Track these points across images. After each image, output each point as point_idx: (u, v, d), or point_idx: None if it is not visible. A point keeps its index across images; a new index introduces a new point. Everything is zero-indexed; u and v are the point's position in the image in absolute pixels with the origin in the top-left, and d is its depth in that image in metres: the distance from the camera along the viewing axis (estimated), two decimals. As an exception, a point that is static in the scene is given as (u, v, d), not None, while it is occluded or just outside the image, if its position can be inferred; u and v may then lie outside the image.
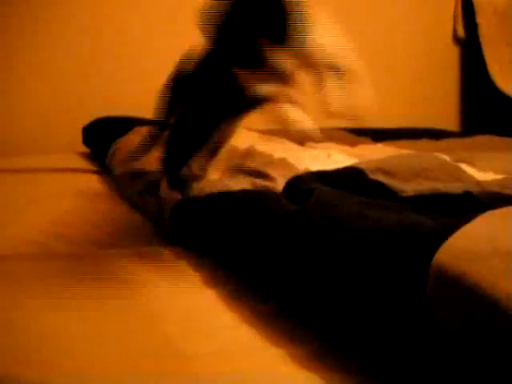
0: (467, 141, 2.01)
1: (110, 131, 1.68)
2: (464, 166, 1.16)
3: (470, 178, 1.09)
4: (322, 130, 1.24)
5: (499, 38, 2.79)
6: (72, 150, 1.91)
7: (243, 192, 1.03)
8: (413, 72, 2.74)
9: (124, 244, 1.08)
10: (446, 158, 1.19)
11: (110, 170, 1.51)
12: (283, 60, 0.91)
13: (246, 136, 1.42)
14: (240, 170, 1.17)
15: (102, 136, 1.72)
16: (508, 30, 2.82)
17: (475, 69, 2.84)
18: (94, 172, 1.63)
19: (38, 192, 1.38)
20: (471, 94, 2.95)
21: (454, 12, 2.87)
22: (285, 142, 1.57)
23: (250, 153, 1.28)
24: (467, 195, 0.90)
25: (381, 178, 1.02)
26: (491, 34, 2.78)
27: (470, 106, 2.97)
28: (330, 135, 1.64)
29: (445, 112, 2.89)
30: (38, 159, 1.74)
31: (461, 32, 2.87)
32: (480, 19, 2.78)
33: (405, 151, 1.50)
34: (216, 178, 1.10)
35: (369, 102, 0.96)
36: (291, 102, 0.92)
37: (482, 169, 1.21)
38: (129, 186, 1.30)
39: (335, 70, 0.96)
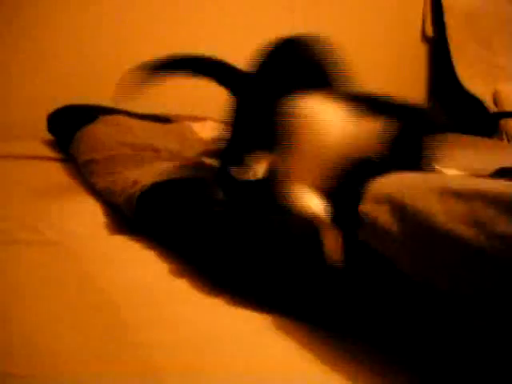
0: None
1: (74, 119, 1.66)
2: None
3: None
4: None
5: (466, 38, 2.83)
6: (36, 138, 1.88)
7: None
8: (381, 69, 2.76)
9: (88, 233, 1.08)
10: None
11: (74, 158, 1.49)
12: None
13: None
14: None
15: (66, 124, 1.69)
16: (475, 30, 2.86)
17: (443, 67, 2.88)
18: (58, 160, 1.60)
19: (1, 179, 1.36)
20: (438, 93, 2.99)
21: (423, 11, 2.90)
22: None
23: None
24: None
25: None
26: (459, 33, 2.82)
27: (437, 104, 3.00)
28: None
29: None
30: (1, 146, 1.71)
31: (429, 31, 2.90)
32: (448, 19, 2.82)
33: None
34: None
35: None
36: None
37: (445, 166, 1.23)
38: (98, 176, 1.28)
39: None
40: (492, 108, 2.75)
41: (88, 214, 1.15)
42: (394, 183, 0.72)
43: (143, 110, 1.82)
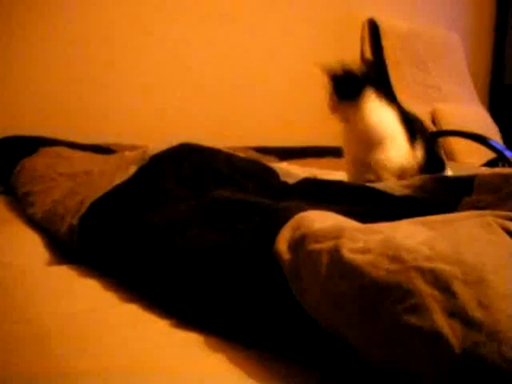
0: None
1: (14, 151, 1.66)
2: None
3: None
4: (235, 148, 1.37)
5: (403, 60, 2.93)
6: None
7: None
8: (321, 92, 2.83)
9: (25, 264, 1.08)
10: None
11: (13, 191, 1.49)
12: None
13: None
14: None
15: (6, 155, 1.69)
16: (411, 52, 2.97)
17: (374, 72, 2.96)
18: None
19: None
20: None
21: (362, 34, 2.99)
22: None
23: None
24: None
25: None
26: (395, 56, 2.92)
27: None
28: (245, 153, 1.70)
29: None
30: None
31: (368, 54, 2.99)
32: (385, 42, 2.92)
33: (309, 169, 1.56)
34: None
35: None
36: None
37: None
38: (38, 206, 1.28)
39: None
40: (430, 127, 2.84)
41: (26, 245, 1.16)
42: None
43: (87, 140, 1.85)
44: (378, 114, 1.31)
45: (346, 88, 1.33)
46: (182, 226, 0.90)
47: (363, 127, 1.31)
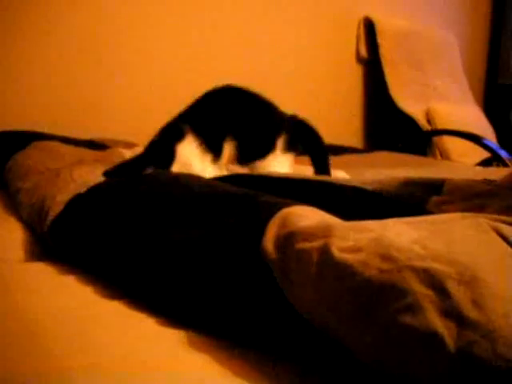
0: (365, 157, 2.09)
1: (8, 145, 1.65)
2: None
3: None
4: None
5: (398, 59, 2.93)
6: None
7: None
8: (318, 89, 2.83)
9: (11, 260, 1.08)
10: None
11: (5, 185, 1.48)
12: None
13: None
14: None
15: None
16: (406, 51, 2.97)
17: (377, 87, 2.97)
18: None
19: None
20: (373, 112, 3.08)
21: (357, 33, 2.99)
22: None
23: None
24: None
25: None
26: (391, 54, 2.92)
27: (372, 122, 3.09)
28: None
29: (349, 129, 3.00)
30: None
31: (363, 52, 2.99)
32: (381, 40, 2.92)
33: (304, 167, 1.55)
34: None
35: None
36: None
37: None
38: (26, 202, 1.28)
39: None
40: (425, 126, 2.84)
41: (11, 241, 1.15)
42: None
43: (82, 135, 1.84)
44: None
45: None
46: (165, 223, 0.89)
47: None
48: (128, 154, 1.44)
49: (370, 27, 2.96)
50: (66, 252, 1.06)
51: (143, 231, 0.91)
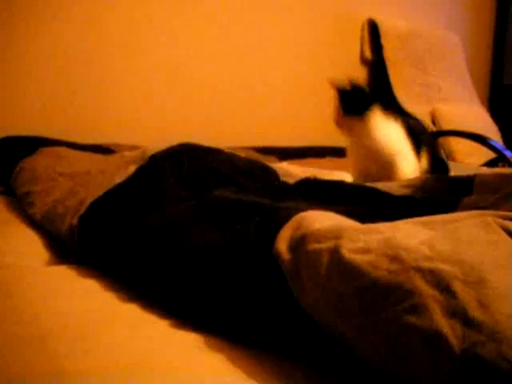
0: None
1: (14, 151, 1.66)
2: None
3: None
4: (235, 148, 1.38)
5: (402, 60, 2.93)
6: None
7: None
8: (323, 92, 2.83)
9: (25, 265, 1.08)
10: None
11: (12, 191, 1.49)
12: None
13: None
14: None
15: (6, 155, 1.69)
16: (410, 52, 2.97)
17: (382, 88, 2.96)
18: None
19: None
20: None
21: (361, 34, 2.99)
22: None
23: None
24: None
25: None
26: (395, 55, 2.92)
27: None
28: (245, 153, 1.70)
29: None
30: None
31: (368, 54, 2.99)
32: (384, 42, 2.92)
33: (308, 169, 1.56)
34: None
35: None
36: None
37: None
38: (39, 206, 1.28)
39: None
40: (430, 127, 2.84)
41: (25, 246, 1.16)
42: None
43: (87, 140, 1.85)
44: (386, 130, 1.32)
45: (354, 103, 1.33)
46: (182, 226, 0.91)
47: (371, 143, 1.32)
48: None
49: (373, 29, 2.96)
50: (90, 254, 1.06)
51: (161, 232, 0.92)
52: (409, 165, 1.32)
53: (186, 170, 1.14)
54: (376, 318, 0.57)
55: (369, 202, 0.99)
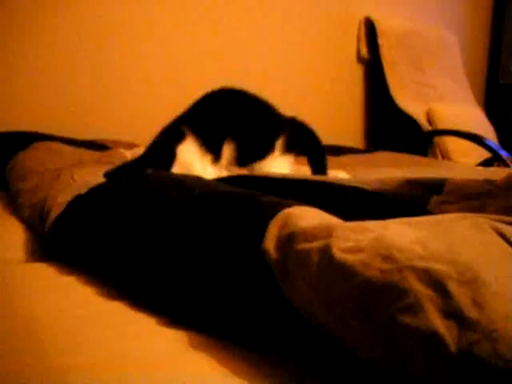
0: (366, 157, 2.10)
1: (9, 146, 1.65)
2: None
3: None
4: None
5: (399, 59, 2.93)
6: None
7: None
8: (319, 90, 2.83)
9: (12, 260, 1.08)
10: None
11: (6, 185, 1.48)
12: None
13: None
14: None
15: (0, 151, 1.68)
16: (406, 51, 2.97)
17: (377, 87, 2.97)
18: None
19: None
20: (374, 112, 3.08)
21: (358, 33, 2.99)
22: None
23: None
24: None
25: None
26: (391, 54, 2.92)
27: (373, 123, 3.09)
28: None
29: (349, 129, 3.00)
30: None
31: (364, 52, 2.99)
32: (381, 40, 2.92)
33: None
34: None
35: None
36: None
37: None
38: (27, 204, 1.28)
39: None
40: (426, 126, 2.84)
41: (11, 241, 1.15)
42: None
43: (84, 136, 1.84)
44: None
45: None
46: (165, 224, 0.89)
47: None
48: (129, 154, 1.44)
49: (370, 27, 2.96)
50: (67, 252, 1.07)
51: (144, 232, 0.91)
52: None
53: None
54: (370, 318, 0.56)
55: (342, 197, 0.98)
